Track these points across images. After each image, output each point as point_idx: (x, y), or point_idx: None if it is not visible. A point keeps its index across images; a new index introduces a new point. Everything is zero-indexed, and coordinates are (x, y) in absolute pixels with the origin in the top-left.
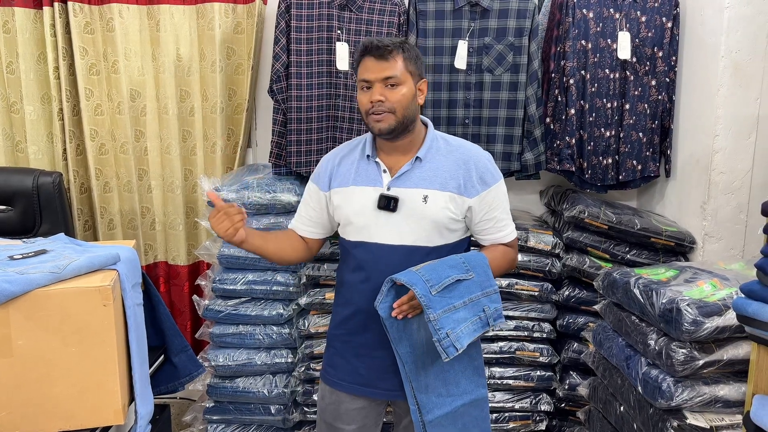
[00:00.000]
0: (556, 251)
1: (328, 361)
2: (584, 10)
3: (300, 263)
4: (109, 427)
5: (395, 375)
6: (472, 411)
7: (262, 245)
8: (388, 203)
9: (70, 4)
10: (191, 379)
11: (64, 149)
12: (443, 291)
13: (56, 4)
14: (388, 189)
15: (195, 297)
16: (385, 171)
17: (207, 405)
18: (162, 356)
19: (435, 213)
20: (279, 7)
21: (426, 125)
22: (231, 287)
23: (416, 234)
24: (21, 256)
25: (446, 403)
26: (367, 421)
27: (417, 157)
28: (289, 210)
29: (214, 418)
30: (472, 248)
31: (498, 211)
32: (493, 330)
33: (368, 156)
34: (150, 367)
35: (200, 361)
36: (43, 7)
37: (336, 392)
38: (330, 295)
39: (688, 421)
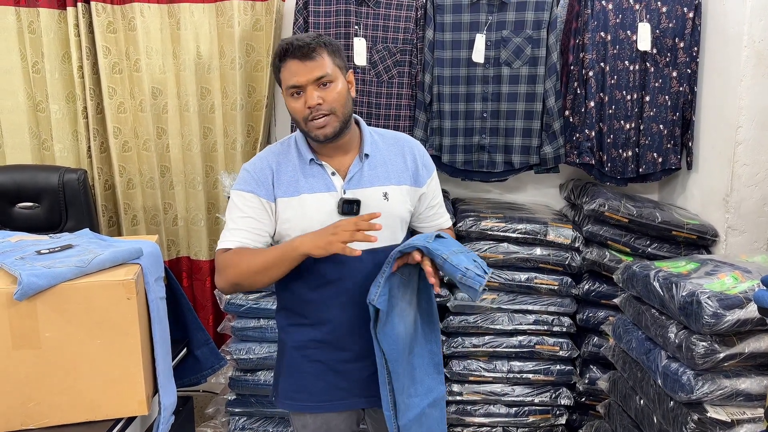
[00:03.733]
0: (576, 245)
1: (294, 387)
2: (603, 2)
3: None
4: (133, 418)
5: (375, 382)
6: (433, 412)
7: None
8: (351, 207)
9: (93, 4)
10: (213, 371)
11: (89, 147)
12: (435, 242)
13: (79, 5)
14: (344, 192)
15: (217, 291)
16: (333, 173)
17: (229, 398)
18: (185, 349)
19: (396, 208)
20: (297, 3)
21: (357, 121)
22: None
23: (383, 234)
24: (48, 251)
25: (415, 404)
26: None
27: (365, 154)
28: None
29: (237, 410)
30: None
31: (439, 197)
32: (512, 324)
33: (311, 160)
34: (173, 360)
35: (222, 354)
36: (67, 8)
37: (319, 415)
38: None
39: (708, 415)
